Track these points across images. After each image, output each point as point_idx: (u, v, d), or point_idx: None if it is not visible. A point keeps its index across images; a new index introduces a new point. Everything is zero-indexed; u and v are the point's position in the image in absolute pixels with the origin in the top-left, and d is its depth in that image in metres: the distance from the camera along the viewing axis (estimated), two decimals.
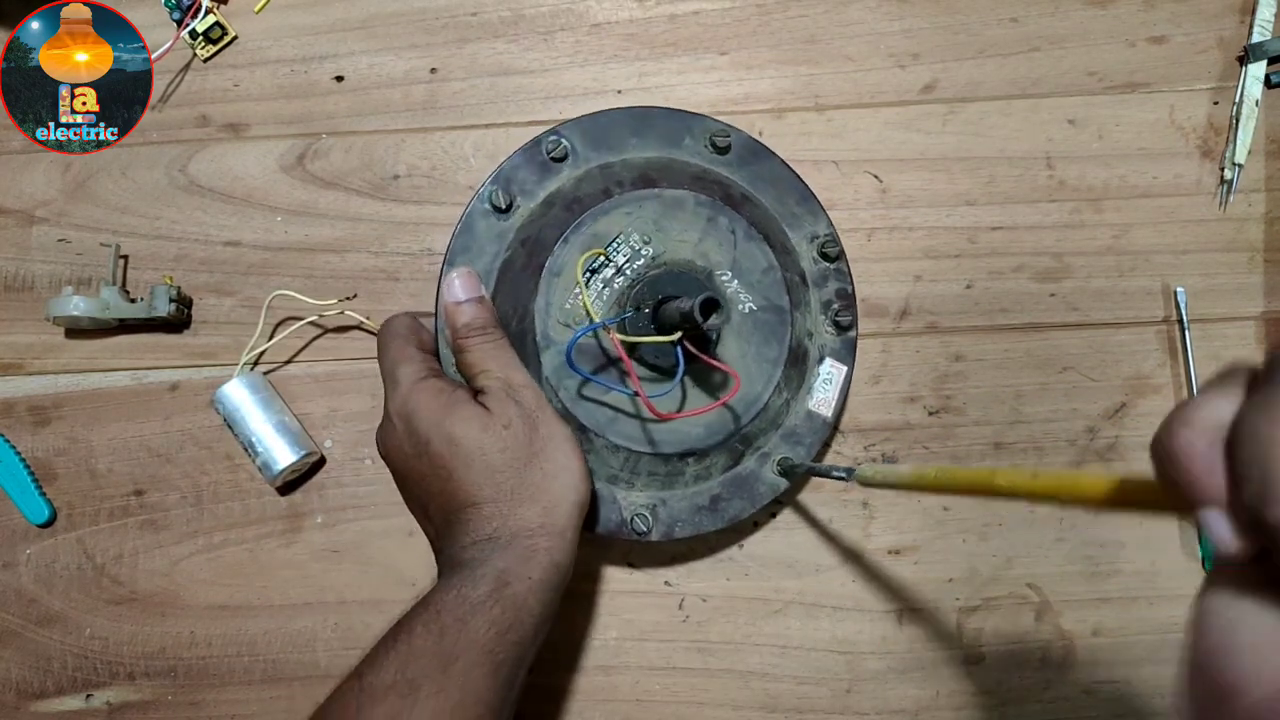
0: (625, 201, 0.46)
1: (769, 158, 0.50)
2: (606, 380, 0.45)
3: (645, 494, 0.48)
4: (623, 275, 0.46)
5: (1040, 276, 0.53)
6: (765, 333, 0.47)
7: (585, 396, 0.46)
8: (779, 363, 0.47)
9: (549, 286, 0.46)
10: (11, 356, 0.53)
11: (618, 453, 0.47)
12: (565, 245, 0.46)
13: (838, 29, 0.54)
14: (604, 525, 0.47)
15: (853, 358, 0.50)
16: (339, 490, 0.52)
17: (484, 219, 0.48)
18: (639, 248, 0.46)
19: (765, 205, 0.50)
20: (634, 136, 0.49)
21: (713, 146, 0.49)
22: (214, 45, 0.54)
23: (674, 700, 0.51)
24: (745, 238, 0.47)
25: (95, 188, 0.54)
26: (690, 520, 0.48)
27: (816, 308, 0.50)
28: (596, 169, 0.48)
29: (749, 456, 0.48)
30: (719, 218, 0.47)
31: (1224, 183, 0.53)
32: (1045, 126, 0.54)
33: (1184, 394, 0.52)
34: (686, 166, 0.49)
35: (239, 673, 0.51)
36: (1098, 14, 0.54)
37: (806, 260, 0.50)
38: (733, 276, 0.47)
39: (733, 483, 0.48)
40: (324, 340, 0.53)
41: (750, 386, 0.47)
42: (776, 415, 0.48)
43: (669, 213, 0.47)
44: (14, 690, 0.51)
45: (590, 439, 0.46)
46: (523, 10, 0.55)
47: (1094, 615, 0.51)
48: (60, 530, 0.52)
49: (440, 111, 0.54)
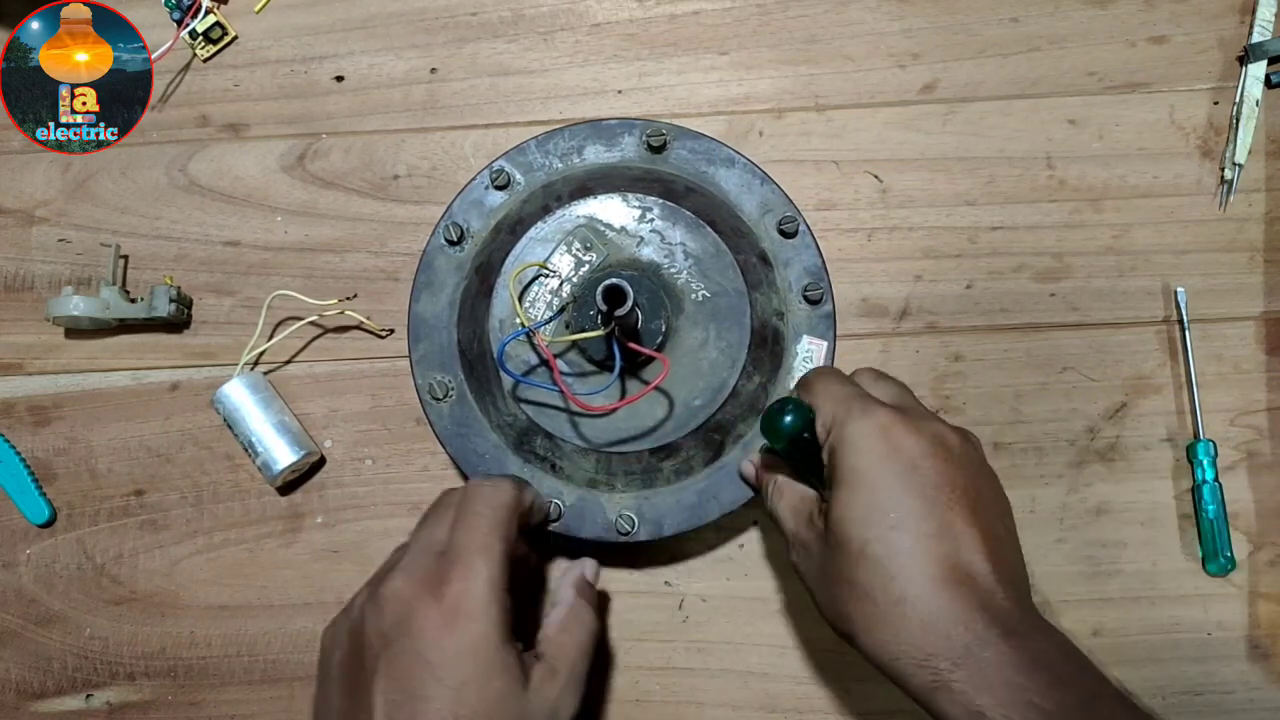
0: (561, 217, 0.48)
1: (716, 147, 0.50)
2: (538, 381, 0.47)
3: (628, 495, 0.48)
4: (569, 283, 0.47)
5: (1040, 276, 0.53)
6: (724, 318, 0.48)
7: (549, 405, 0.47)
8: (743, 346, 0.47)
9: (499, 307, 0.47)
10: (11, 356, 0.53)
11: (588, 455, 0.47)
12: (506, 268, 0.48)
13: (838, 29, 0.54)
14: (590, 529, 0.47)
15: (833, 332, 0.49)
16: (339, 490, 0.52)
17: (441, 254, 0.49)
18: (582, 256, 0.48)
19: (714, 193, 0.50)
20: (575, 153, 0.50)
21: (648, 147, 0.50)
22: (214, 45, 0.54)
23: (673, 700, 0.51)
24: (689, 227, 0.48)
25: (95, 188, 0.54)
26: (677, 517, 0.48)
27: (785, 285, 0.49)
28: (539, 189, 0.49)
29: (730, 447, 0.48)
30: (653, 211, 0.48)
31: (1224, 183, 0.53)
32: (1045, 126, 0.54)
33: (1184, 394, 0.52)
34: (627, 171, 0.49)
35: (239, 673, 0.51)
36: (1098, 14, 0.54)
37: (767, 240, 0.50)
38: (680, 267, 0.48)
39: (718, 475, 0.48)
40: (324, 340, 0.53)
41: (714, 374, 0.47)
42: (752, 400, 0.48)
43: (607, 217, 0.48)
44: (14, 690, 0.51)
45: (558, 445, 0.47)
46: (523, 10, 0.55)
47: (1094, 615, 0.51)
48: (60, 530, 0.52)
49: (440, 111, 0.54)
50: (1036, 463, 0.52)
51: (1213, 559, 0.50)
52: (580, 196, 0.48)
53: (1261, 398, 0.52)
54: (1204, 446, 0.51)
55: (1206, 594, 0.51)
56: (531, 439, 0.48)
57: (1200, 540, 0.51)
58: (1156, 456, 0.52)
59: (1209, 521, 0.50)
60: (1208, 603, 0.51)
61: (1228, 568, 0.50)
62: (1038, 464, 0.52)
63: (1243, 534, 0.51)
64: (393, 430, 0.52)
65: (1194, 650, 0.50)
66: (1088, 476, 0.52)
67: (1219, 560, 0.50)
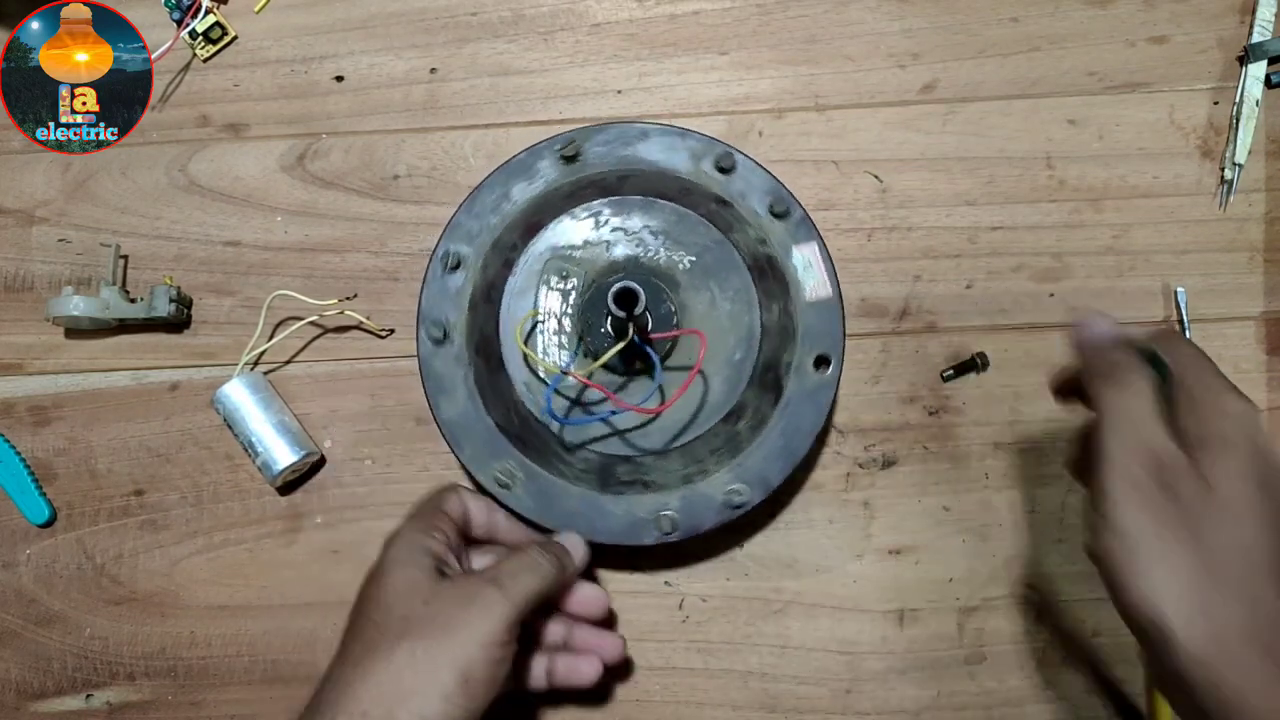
0: (526, 262, 0.48)
1: (624, 129, 0.50)
2: (594, 414, 0.48)
3: (723, 470, 0.47)
4: (567, 317, 0.48)
5: (1040, 276, 0.53)
6: (718, 271, 0.48)
7: (609, 434, 0.48)
8: (748, 286, 0.48)
9: (516, 373, 0.48)
10: (11, 356, 0.53)
11: (669, 456, 0.47)
12: (502, 335, 0.48)
13: (838, 29, 0.54)
14: (708, 519, 0.47)
15: (815, 233, 0.49)
16: (339, 490, 0.52)
17: (436, 356, 0.48)
18: (564, 286, 0.48)
19: (645, 168, 0.49)
20: (503, 201, 0.49)
21: (564, 159, 0.49)
22: (214, 45, 0.54)
23: (673, 700, 0.51)
24: (643, 209, 0.48)
25: (95, 188, 0.54)
26: (776, 464, 0.47)
27: (752, 215, 0.49)
28: (490, 250, 0.49)
29: (788, 378, 0.48)
30: (603, 213, 0.48)
31: (1224, 183, 0.53)
32: (1045, 126, 0.54)
33: None
34: (556, 192, 0.49)
35: (239, 673, 0.51)
36: (1098, 14, 0.54)
37: (714, 185, 0.49)
38: (654, 248, 0.48)
39: (790, 412, 0.48)
40: (324, 340, 0.53)
41: (738, 323, 0.48)
42: (783, 327, 0.48)
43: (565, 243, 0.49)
44: (14, 690, 0.51)
45: (639, 463, 0.47)
46: (523, 10, 0.55)
47: (1094, 615, 0.51)
48: (60, 530, 0.52)
49: (440, 111, 0.54)
50: (1037, 463, 0.52)
51: None
52: (531, 235, 0.49)
53: (1261, 398, 0.52)
54: None
55: None
56: (612, 472, 0.48)
57: None
58: None
59: None
60: None
61: None
62: (1038, 464, 0.52)
63: None
64: (393, 430, 0.52)
65: None
66: None
67: None
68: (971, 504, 0.52)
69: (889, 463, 0.52)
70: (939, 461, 0.52)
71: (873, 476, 0.52)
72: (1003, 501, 0.52)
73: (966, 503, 0.52)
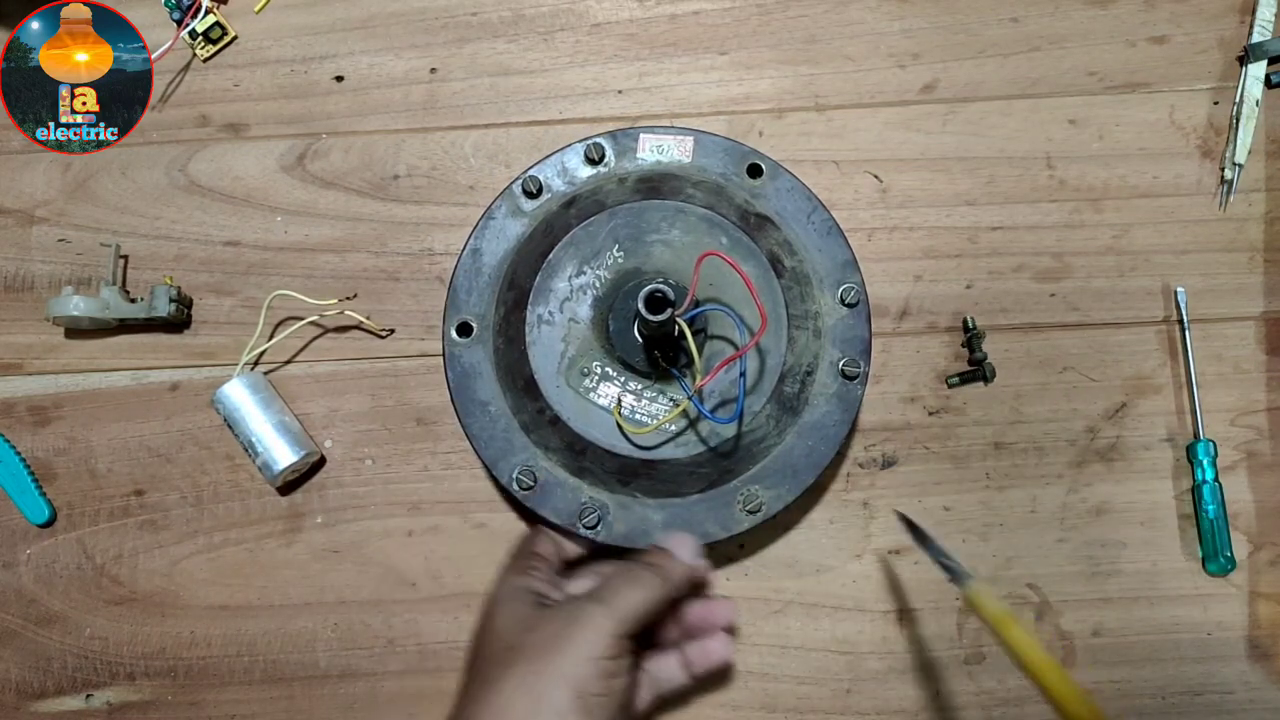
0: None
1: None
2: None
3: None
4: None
5: (1040, 276, 0.53)
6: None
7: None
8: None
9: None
10: (11, 356, 0.53)
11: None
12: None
13: (838, 29, 0.55)
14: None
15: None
16: (339, 490, 0.52)
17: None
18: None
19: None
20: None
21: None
22: (214, 45, 0.54)
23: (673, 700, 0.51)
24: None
25: (95, 188, 0.54)
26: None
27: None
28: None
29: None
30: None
31: (1224, 183, 0.53)
32: (1045, 126, 0.54)
33: (1184, 394, 0.52)
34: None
35: (239, 673, 0.51)
36: (1098, 14, 0.54)
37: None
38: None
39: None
40: (324, 340, 0.53)
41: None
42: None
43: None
44: (14, 690, 0.51)
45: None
46: (523, 10, 0.55)
47: (1094, 615, 0.51)
48: (60, 530, 0.52)
49: (440, 111, 0.54)
50: (1036, 463, 0.52)
51: (1213, 559, 0.50)
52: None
53: (1261, 398, 0.52)
54: (1204, 446, 0.51)
55: (1206, 594, 0.51)
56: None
57: (1200, 540, 0.51)
58: (1156, 456, 0.52)
59: (1209, 521, 0.50)
60: (1208, 603, 0.51)
61: (1228, 568, 0.50)
62: (1038, 464, 0.52)
63: (1243, 534, 0.51)
64: (393, 430, 0.52)
65: (1194, 650, 0.50)
66: (1088, 476, 0.52)
67: (1219, 560, 0.50)
68: (972, 504, 0.52)
69: (889, 463, 0.52)
70: (939, 461, 0.52)
71: (873, 476, 0.52)
72: (1003, 501, 0.52)
73: (967, 503, 0.52)
